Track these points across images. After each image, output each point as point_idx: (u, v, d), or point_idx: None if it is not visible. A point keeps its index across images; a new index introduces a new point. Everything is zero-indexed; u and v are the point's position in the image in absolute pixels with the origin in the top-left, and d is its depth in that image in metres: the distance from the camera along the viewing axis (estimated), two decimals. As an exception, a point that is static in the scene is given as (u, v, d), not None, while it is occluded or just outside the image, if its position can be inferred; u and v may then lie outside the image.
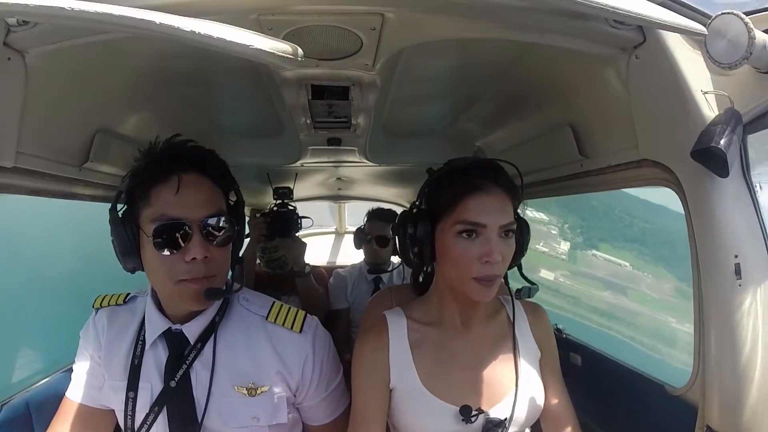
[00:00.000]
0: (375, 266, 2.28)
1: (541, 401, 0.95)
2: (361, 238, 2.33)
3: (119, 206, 0.84)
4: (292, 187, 1.99)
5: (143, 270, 0.86)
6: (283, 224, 1.91)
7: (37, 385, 1.06)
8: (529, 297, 0.96)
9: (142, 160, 0.85)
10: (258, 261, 2.27)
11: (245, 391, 0.90)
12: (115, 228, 0.83)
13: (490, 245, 0.83)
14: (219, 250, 0.84)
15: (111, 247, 0.85)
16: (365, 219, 2.34)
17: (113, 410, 0.95)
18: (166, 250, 0.80)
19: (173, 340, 0.91)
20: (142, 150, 0.86)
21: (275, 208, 1.95)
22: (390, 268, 2.27)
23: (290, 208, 1.96)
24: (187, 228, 0.80)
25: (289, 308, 0.96)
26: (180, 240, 0.80)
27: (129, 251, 0.83)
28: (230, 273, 0.93)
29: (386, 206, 2.50)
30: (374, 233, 2.23)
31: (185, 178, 0.81)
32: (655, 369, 1.09)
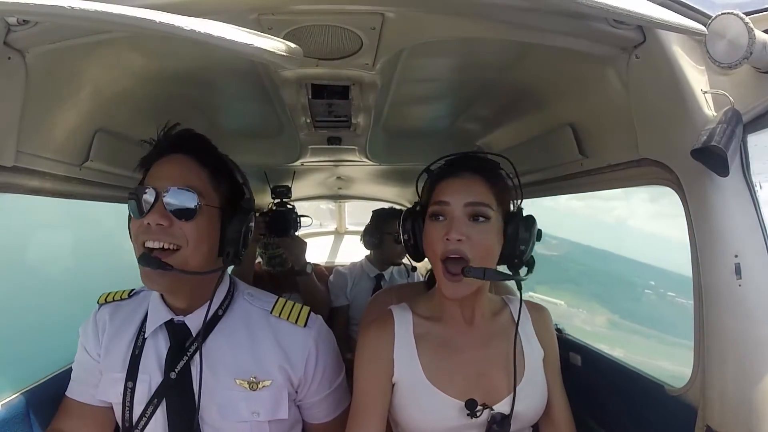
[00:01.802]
0: (390, 264, 2.29)
1: (544, 399, 0.96)
2: (376, 237, 2.29)
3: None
4: (290, 186, 1.99)
5: None
6: (282, 223, 1.90)
7: (37, 384, 1.06)
8: (503, 279, 0.88)
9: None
10: (259, 260, 2.27)
11: (246, 385, 0.90)
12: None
13: (451, 223, 0.85)
14: (185, 224, 0.83)
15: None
16: (376, 219, 2.32)
17: (112, 405, 0.95)
18: (135, 214, 0.84)
19: (175, 331, 0.91)
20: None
21: (273, 207, 1.95)
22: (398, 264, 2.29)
23: (289, 207, 1.96)
24: (151, 195, 0.83)
25: (294, 303, 0.97)
26: (144, 206, 0.83)
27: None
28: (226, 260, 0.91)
29: (387, 205, 2.51)
30: (391, 231, 2.21)
31: (170, 157, 0.88)
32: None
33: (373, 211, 2.39)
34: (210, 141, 0.93)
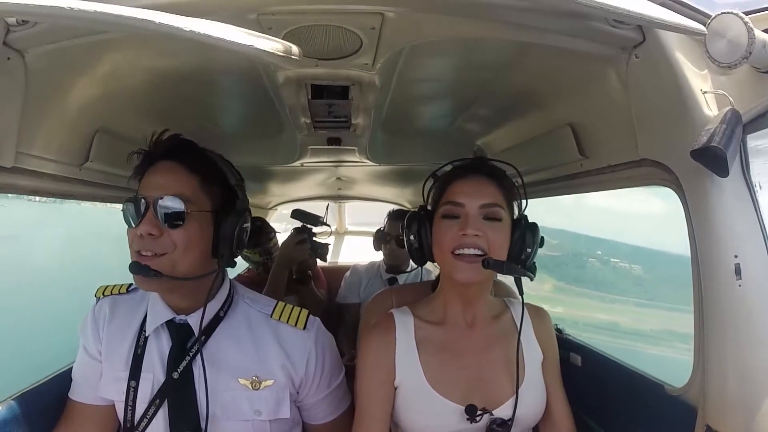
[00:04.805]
0: (393, 267, 2.28)
1: (543, 402, 0.96)
2: (380, 239, 2.32)
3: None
4: (319, 221, 1.99)
5: None
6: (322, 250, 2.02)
7: (37, 385, 1.06)
8: (520, 275, 0.91)
9: None
10: (251, 266, 2.29)
11: (249, 385, 0.91)
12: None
13: (467, 221, 0.87)
14: (174, 231, 0.85)
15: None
16: (385, 220, 2.33)
17: (113, 404, 0.96)
18: (129, 223, 0.86)
19: (178, 330, 0.92)
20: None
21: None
22: (408, 269, 2.25)
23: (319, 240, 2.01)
24: (142, 205, 0.84)
25: (293, 307, 0.98)
26: (137, 215, 0.85)
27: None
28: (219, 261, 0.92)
29: (389, 206, 2.50)
30: (393, 233, 2.22)
31: (160, 165, 0.88)
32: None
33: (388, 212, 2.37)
34: (198, 146, 0.94)
